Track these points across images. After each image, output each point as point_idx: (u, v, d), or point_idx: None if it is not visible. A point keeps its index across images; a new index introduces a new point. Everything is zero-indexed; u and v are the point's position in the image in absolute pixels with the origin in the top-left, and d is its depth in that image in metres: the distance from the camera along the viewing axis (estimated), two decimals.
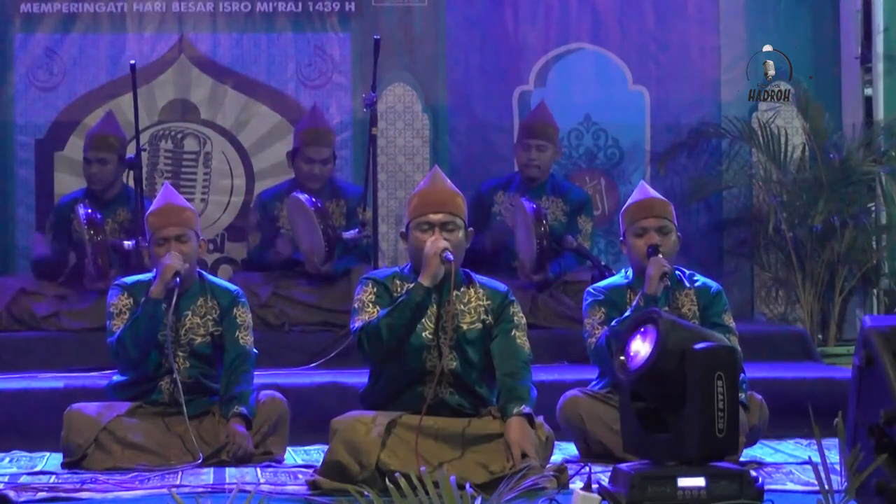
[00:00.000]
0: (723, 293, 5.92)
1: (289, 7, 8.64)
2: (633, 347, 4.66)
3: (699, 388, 4.50)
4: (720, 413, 4.49)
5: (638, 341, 4.65)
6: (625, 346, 4.68)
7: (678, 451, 4.54)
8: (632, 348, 4.66)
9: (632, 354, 4.64)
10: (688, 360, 4.52)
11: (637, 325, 4.70)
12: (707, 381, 4.50)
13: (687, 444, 4.51)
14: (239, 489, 4.92)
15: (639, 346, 4.63)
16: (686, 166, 8.68)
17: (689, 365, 4.51)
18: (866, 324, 4.26)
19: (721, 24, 8.82)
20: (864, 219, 8.36)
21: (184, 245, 5.78)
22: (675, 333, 4.57)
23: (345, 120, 8.60)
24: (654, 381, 4.57)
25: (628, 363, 4.64)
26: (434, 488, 3.81)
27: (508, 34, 8.76)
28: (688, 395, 4.51)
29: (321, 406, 6.17)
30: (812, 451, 5.78)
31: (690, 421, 4.50)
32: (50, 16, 8.53)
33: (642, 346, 4.62)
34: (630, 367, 4.63)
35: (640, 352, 4.62)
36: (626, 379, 4.65)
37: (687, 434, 4.51)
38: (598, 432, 5.66)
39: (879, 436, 4.11)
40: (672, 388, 4.53)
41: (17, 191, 8.50)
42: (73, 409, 5.72)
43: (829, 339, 8.44)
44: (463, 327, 5.25)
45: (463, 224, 5.24)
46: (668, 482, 4.46)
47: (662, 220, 5.83)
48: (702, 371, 4.50)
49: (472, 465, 5.01)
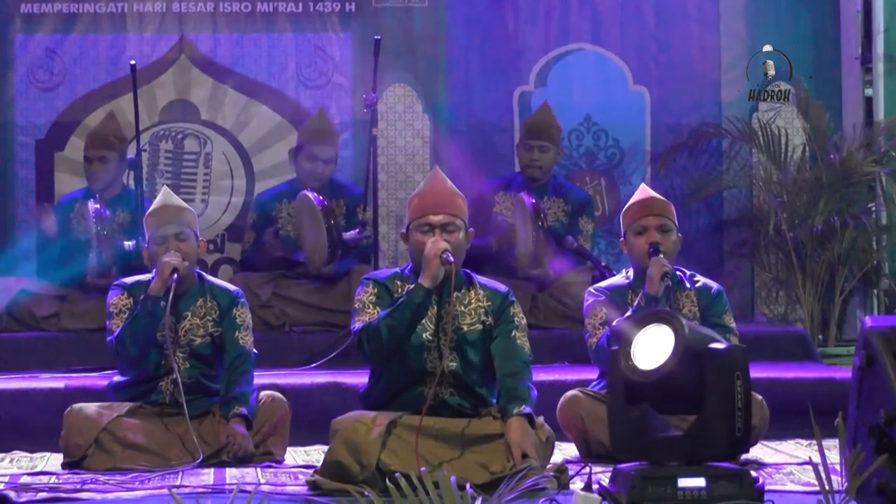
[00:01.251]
0: (723, 294, 5.93)
1: (289, 7, 8.64)
2: (640, 346, 4.63)
3: (719, 388, 4.52)
4: (739, 412, 4.53)
5: (647, 340, 4.62)
6: (629, 345, 4.66)
7: (690, 450, 4.54)
8: (639, 347, 4.63)
9: (640, 354, 4.61)
10: (707, 361, 4.54)
11: (643, 322, 4.68)
12: (727, 380, 4.52)
13: (709, 444, 4.53)
14: (239, 489, 4.92)
15: (648, 346, 4.60)
16: (686, 167, 8.69)
17: (709, 365, 4.53)
18: (866, 324, 4.27)
19: (721, 25, 8.83)
20: (865, 219, 8.36)
21: (183, 244, 5.78)
22: (690, 333, 4.58)
23: (345, 120, 8.61)
24: (669, 381, 4.56)
25: (635, 362, 4.60)
26: (434, 488, 3.81)
27: (509, 34, 8.76)
28: (707, 395, 4.52)
29: (321, 406, 6.17)
30: (812, 452, 5.78)
31: (711, 421, 4.51)
32: (50, 16, 8.54)
33: (654, 345, 4.59)
34: (643, 367, 4.59)
35: (653, 351, 4.59)
36: (639, 379, 4.60)
37: (709, 434, 4.52)
38: (598, 432, 5.66)
39: (880, 436, 4.11)
40: (686, 387, 4.53)
41: (18, 191, 8.51)
42: (73, 410, 5.72)
43: (830, 339, 8.45)
44: (463, 328, 5.26)
45: (463, 225, 5.24)
46: (669, 482, 4.46)
47: (663, 218, 5.84)
48: (722, 371, 4.52)
49: (473, 466, 5.01)
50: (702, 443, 4.54)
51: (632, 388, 4.63)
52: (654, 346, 4.60)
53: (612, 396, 4.76)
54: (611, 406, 4.76)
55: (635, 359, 4.61)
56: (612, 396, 4.74)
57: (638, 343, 4.63)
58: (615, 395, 4.70)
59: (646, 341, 4.63)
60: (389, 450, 4.99)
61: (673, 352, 4.54)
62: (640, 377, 4.59)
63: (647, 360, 4.59)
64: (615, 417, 4.70)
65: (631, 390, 4.63)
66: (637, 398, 4.64)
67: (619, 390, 4.66)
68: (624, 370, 4.63)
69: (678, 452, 4.55)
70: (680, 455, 4.55)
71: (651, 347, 4.60)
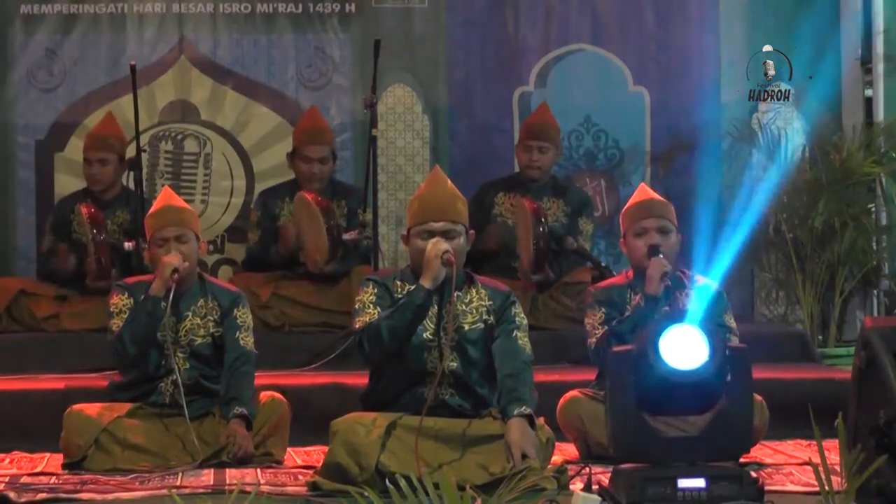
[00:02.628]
0: (724, 294, 5.93)
1: (289, 8, 8.64)
2: (668, 346, 4.59)
3: (740, 386, 4.56)
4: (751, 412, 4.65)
5: (674, 340, 4.59)
6: (658, 345, 4.58)
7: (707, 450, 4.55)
8: (668, 347, 4.59)
9: (671, 354, 4.57)
10: (732, 360, 4.56)
11: (667, 322, 4.65)
12: (746, 379, 4.57)
13: (730, 442, 4.56)
14: (239, 490, 4.92)
15: (677, 345, 4.58)
16: (686, 167, 8.68)
17: (734, 364, 4.56)
18: (866, 325, 4.27)
19: (721, 26, 8.83)
20: (864, 220, 8.35)
21: (183, 245, 5.79)
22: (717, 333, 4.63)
23: (345, 121, 8.61)
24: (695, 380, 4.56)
25: (670, 361, 4.56)
26: (434, 490, 3.80)
27: (509, 35, 8.76)
28: (727, 394, 4.54)
29: (321, 407, 6.16)
30: (812, 452, 5.78)
31: (732, 419, 4.54)
32: (50, 17, 8.54)
33: (681, 344, 4.57)
34: (680, 366, 4.56)
35: (683, 350, 4.57)
36: (677, 379, 4.54)
37: (731, 432, 4.55)
38: (598, 433, 5.65)
39: (880, 436, 4.11)
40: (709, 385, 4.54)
41: (18, 192, 8.51)
42: (73, 410, 5.72)
43: (830, 340, 8.44)
44: (465, 327, 5.26)
45: (464, 230, 5.25)
46: (669, 483, 4.46)
47: (663, 219, 5.84)
48: (742, 370, 4.56)
49: (473, 467, 5.01)
50: (722, 441, 4.56)
51: (650, 389, 4.56)
52: (682, 346, 4.58)
53: (620, 399, 4.63)
54: (618, 409, 4.64)
55: (669, 358, 4.56)
56: (621, 399, 4.63)
57: (666, 343, 4.60)
58: (625, 398, 4.60)
59: (673, 341, 4.59)
60: (389, 451, 4.99)
61: (712, 350, 4.54)
62: (679, 377, 4.54)
63: (679, 359, 4.57)
64: (622, 420, 4.61)
65: (648, 391, 4.56)
66: (655, 399, 4.59)
67: (629, 392, 4.58)
68: (657, 370, 4.54)
69: (693, 452, 4.55)
70: (695, 454, 4.55)
71: (679, 347, 4.58)
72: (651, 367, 4.54)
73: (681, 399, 4.58)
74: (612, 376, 4.68)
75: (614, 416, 4.63)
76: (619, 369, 4.63)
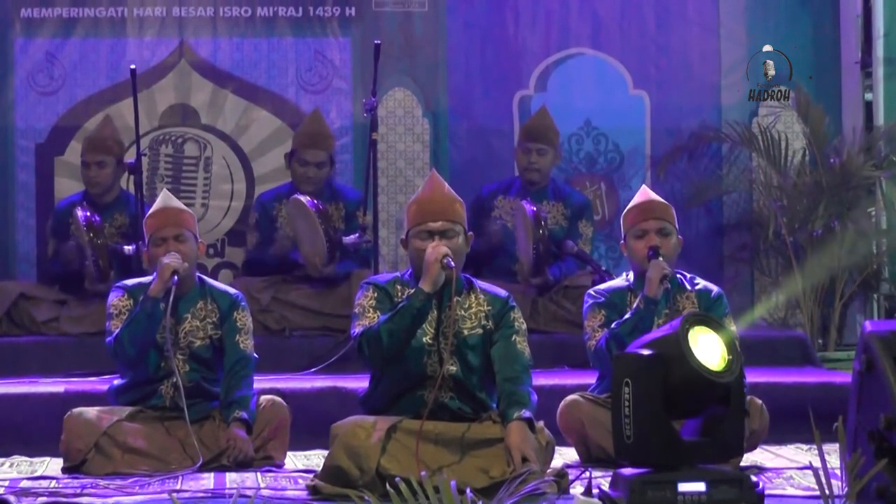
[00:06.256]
0: (723, 296, 5.93)
1: (289, 12, 8.65)
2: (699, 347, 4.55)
3: (741, 390, 4.58)
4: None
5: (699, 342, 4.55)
6: (690, 347, 4.53)
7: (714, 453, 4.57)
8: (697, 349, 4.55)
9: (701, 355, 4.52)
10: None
11: (689, 326, 4.60)
12: (741, 383, 4.59)
13: (733, 446, 4.60)
14: (239, 494, 4.92)
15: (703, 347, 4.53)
16: (686, 171, 8.69)
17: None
18: (866, 329, 4.27)
19: (721, 28, 8.83)
20: (865, 223, 8.35)
21: (182, 245, 5.78)
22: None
23: (345, 125, 8.61)
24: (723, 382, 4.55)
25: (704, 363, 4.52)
26: (434, 493, 3.80)
27: (509, 39, 8.77)
28: (732, 398, 4.55)
29: (321, 411, 6.17)
30: (812, 456, 5.78)
31: (734, 423, 4.57)
32: (50, 20, 8.54)
33: (706, 346, 4.54)
34: (712, 367, 4.51)
35: (708, 352, 4.53)
36: (715, 380, 4.48)
37: (734, 436, 4.59)
38: (598, 437, 5.65)
39: (880, 440, 4.11)
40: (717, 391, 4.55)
41: (18, 195, 8.51)
42: (73, 414, 5.71)
43: (830, 344, 8.44)
44: (464, 332, 5.25)
45: (462, 230, 5.24)
46: (669, 487, 4.45)
47: (663, 221, 5.83)
48: (740, 373, 4.56)
49: (473, 470, 5.00)
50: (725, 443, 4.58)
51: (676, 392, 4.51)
52: (706, 348, 4.56)
53: (646, 404, 4.49)
54: (646, 414, 4.50)
55: (703, 360, 4.52)
56: (648, 404, 4.49)
57: (698, 344, 4.56)
58: (651, 403, 4.48)
59: (699, 343, 4.58)
60: (389, 454, 4.99)
61: (736, 351, 4.54)
62: (714, 378, 4.50)
63: (709, 360, 4.54)
64: (655, 426, 4.49)
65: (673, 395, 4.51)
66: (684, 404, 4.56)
67: (656, 396, 4.48)
68: (694, 371, 4.46)
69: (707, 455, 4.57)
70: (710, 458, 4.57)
71: (705, 349, 4.56)
72: (685, 370, 4.47)
73: (705, 401, 4.58)
74: (634, 380, 4.52)
75: (637, 420, 4.50)
76: (640, 373, 4.51)
